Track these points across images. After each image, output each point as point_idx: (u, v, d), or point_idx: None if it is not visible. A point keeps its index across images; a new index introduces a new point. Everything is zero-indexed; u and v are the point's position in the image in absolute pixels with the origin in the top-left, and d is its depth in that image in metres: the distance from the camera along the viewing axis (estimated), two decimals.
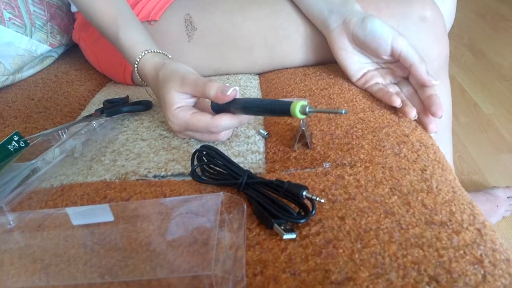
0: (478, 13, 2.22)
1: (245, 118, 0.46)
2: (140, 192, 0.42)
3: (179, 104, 0.47)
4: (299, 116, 0.40)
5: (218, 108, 0.47)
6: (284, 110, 0.41)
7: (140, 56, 0.52)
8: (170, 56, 0.54)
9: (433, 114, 0.51)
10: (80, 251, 0.36)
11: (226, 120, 0.45)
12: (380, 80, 0.58)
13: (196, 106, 0.50)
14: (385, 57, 0.56)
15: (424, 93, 0.53)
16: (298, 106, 0.39)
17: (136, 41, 0.54)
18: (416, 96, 0.55)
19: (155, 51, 0.53)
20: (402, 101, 0.53)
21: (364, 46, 0.57)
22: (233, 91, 0.44)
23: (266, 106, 0.43)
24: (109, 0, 0.55)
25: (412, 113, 0.52)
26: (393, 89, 0.57)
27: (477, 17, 2.18)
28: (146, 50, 0.52)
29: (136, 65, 0.53)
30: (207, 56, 0.68)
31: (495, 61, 1.72)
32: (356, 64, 0.59)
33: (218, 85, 0.44)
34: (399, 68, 0.57)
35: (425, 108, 0.52)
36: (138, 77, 0.54)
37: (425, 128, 0.52)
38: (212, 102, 0.48)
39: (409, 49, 0.53)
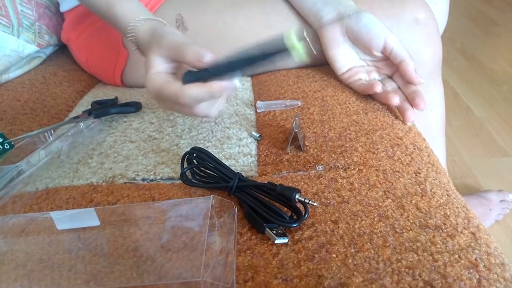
0: (470, 18, 2.24)
1: (216, 87, 0.39)
2: (127, 195, 0.41)
3: (156, 68, 0.43)
4: (299, 45, 0.34)
5: (192, 80, 0.41)
6: (278, 46, 0.35)
7: (134, 22, 0.48)
8: (165, 23, 0.49)
9: (416, 106, 0.52)
10: (65, 256, 0.35)
11: (194, 90, 0.40)
12: (364, 77, 0.59)
13: (178, 71, 0.45)
14: (375, 53, 0.56)
15: (408, 89, 0.54)
16: (293, 33, 0.33)
17: (129, 11, 0.49)
18: (399, 91, 0.56)
19: (150, 18, 0.48)
20: (384, 90, 0.54)
21: (356, 39, 0.57)
22: (211, 57, 0.40)
23: (254, 53, 0.38)
24: None
25: (395, 99, 0.52)
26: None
27: (469, 21, 2.20)
28: (141, 17, 0.48)
29: (128, 31, 0.48)
30: None
31: (487, 65, 1.73)
32: (344, 58, 0.59)
33: (194, 49, 0.40)
34: (386, 66, 0.58)
35: (407, 100, 0.53)
36: (130, 43, 0.50)
37: (403, 117, 0.52)
38: (184, 74, 0.42)
39: (400, 46, 0.54)
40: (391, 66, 0.57)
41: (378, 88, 0.53)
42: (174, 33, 0.44)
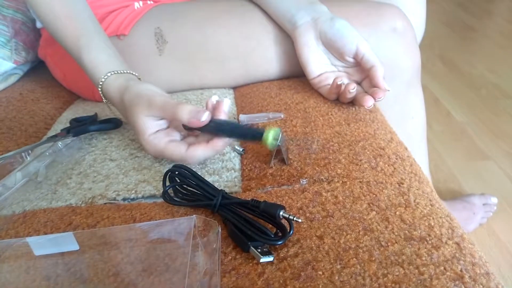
0: (447, 25, 2.30)
1: (221, 146, 0.44)
2: (108, 217, 0.40)
3: (151, 129, 0.45)
4: (272, 145, 0.42)
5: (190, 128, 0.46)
6: (256, 137, 0.42)
7: (103, 79, 0.50)
8: (136, 75, 0.52)
9: (374, 94, 0.53)
10: (43, 284, 0.34)
11: (200, 152, 0.44)
12: None
13: (171, 124, 0.48)
14: (347, 58, 0.57)
15: (372, 89, 0.55)
16: (271, 135, 0.41)
17: (98, 62, 0.51)
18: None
19: (119, 71, 0.50)
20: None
21: (329, 44, 0.58)
22: (208, 116, 0.42)
23: (238, 131, 0.44)
24: (73, 17, 0.52)
25: (351, 85, 0.54)
26: None
27: (446, 28, 2.26)
28: (109, 72, 0.50)
29: (100, 88, 0.51)
30: (179, 70, 0.66)
31: (465, 70, 1.77)
32: (316, 63, 0.60)
33: (190, 109, 0.42)
34: (356, 72, 0.59)
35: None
36: (104, 100, 0.52)
37: (361, 102, 0.54)
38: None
39: (372, 52, 0.55)
40: (361, 72, 0.58)
41: (339, 81, 0.55)
42: (161, 94, 0.46)
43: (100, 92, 0.51)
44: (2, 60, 0.70)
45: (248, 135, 0.43)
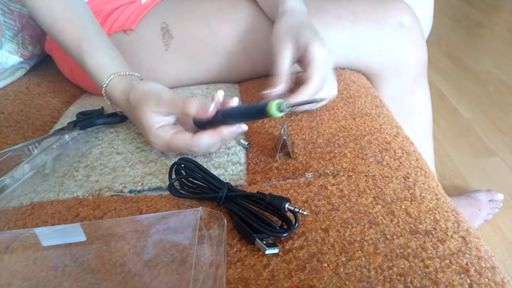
0: (454, 20, 2.28)
1: (226, 133, 0.43)
2: (114, 209, 0.40)
3: (159, 124, 0.45)
4: (277, 114, 0.39)
5: (200, 123, 0.46)
6: (261, 111, 0.39)
7: (107, 81, 0.50)
8: (138, 75, 0.52)
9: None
10: (50, 274, 0.34)
11: (206, 139, 0.44)
12: None
13: (179, 121, 0.48)
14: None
15: None
16: (274, 105, 0.38)
17: (101, 66, 0.51)
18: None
19: (121, 73, 0.50)
20: None
21: None
22: (215, 107, 0.42)
23: (243, 110, 0.42)
24: (73, 21, 0.52)
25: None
26: None
27: (453, 24, 2.24)
28: (113, 74, 0.50)
29: (103, 91, 0.51)
30: (185, 65, 0.66)
31: (472, 66, 1.76)
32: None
33: (198, 102, 0.42)
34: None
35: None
36: (108, 102, 0.53)
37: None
38: (194, 120, 0.46)
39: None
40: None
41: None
42: (168, 91, 0.46)
43: (104, 94, 0.51)
44: (9, 54, 0.70)
45: (254, 114, 0.42)
